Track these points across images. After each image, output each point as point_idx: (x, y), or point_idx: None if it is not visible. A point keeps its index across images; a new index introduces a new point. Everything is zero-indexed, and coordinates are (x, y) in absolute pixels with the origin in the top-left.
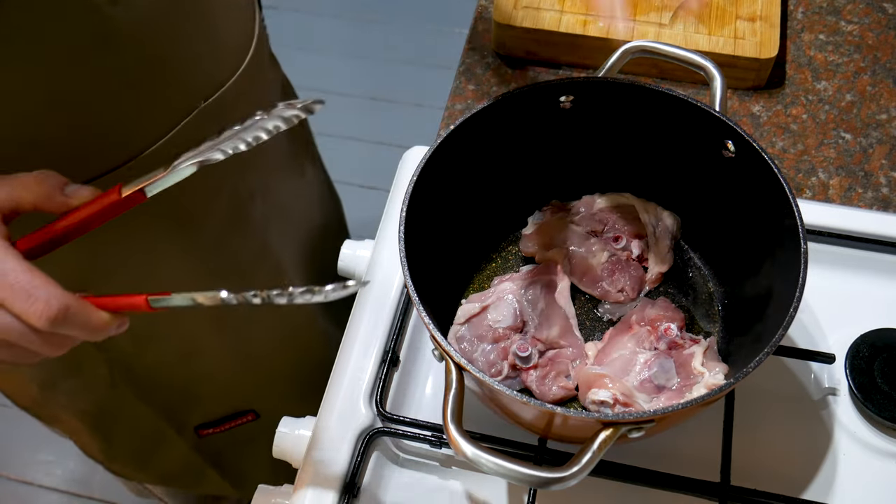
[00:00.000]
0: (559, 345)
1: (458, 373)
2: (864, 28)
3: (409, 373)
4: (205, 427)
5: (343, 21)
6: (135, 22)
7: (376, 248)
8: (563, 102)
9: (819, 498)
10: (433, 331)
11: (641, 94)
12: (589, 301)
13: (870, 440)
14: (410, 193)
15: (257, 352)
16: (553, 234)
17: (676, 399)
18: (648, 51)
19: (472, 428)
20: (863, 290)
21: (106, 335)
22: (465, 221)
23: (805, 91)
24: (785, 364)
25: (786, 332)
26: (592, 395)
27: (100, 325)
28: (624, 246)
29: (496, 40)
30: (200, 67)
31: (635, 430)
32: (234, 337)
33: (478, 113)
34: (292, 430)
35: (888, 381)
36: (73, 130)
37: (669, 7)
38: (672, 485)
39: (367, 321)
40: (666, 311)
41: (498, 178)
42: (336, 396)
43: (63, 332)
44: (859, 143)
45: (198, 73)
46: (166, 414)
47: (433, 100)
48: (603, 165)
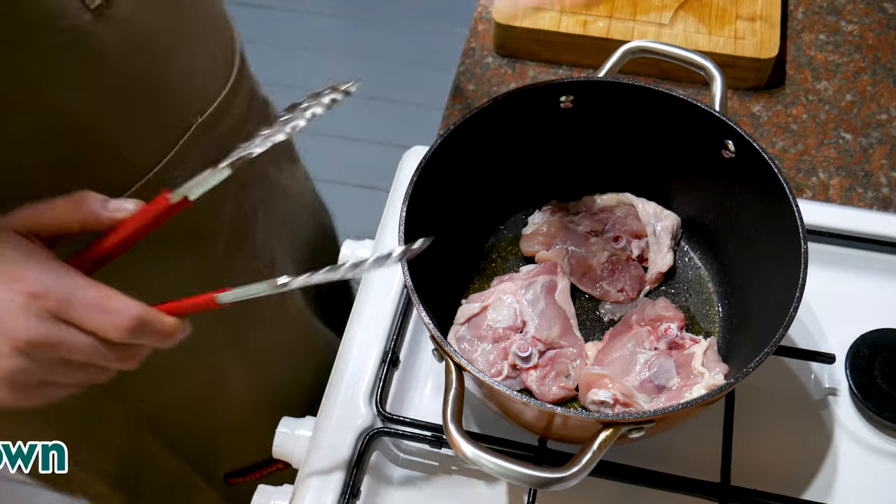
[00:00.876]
0: (559, 345)
1: (458, 373)
2: (864, 28)
3: (409, 373)
4: (234, 476)
5: (343, 21)
6: (122, 40)
7: (376, 248)
8: (563, 102)
9: (819, 498)
10: (433, 331)
11: (641, 94)
12: (589, 301)
13: (870, 440)
14: (410, 193)
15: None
16: (553, 234)
17: (676, 399)
18: (648, 51)
19: (472, 428)
20: (863, 290)
21: (175, 341)
22: (465, 221)
23: (805, 91)
24: (785, 364)
25: (786, 332)
26: (592, 395)
27: (171, 330)
28: (624, 246)
29: (496, 40)
30: (191, 84)
31: (635, 430)
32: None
33: (478, 113)
34: (292, 430)
35: (888, 381)
36: (67, 158)
37: (669, 7)
38: (672, 485)
39: (367, 321)
40: (666, 311)
41: (498, 177)
42: (336, 396)
43: (137, 341)
44: (859, 143)
45: (189, 89)
46: (193, 463)
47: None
48: (603, 165)
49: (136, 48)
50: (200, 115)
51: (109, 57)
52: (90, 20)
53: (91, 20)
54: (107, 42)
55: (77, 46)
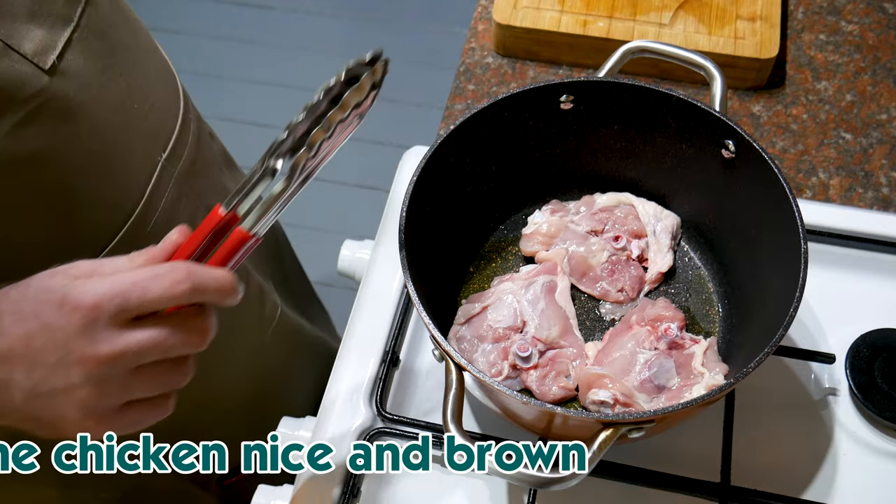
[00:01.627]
0: (559, 345)
1: (458, 373)
2: (864, 28)
3: (409, 373)
4: (227, 477)
5: (343, 21)
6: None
7: (376, 248)
8: (563, 102)
9: (819, 498)
10: (433, 331)
11: (641, 94)
12: (589, 301)
13: (870, 440)
14: (410, 193)
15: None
16: (553, 234)
17: (676, 399)
18: (648, 51)
19: (472, 428)
20: (863, 290)
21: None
22: (465, 221)
23: (805, 91)
24: (785, 364)
25: (786, 333)
26: (592, 395)
27: (223, 279)
28: (624, 246)
29: (496, 40)
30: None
31: (635, 430)
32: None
33: (478, 113)
34: (292, 430)
35: (888, 381)
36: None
37: (669, 7)
38: (672, 485)
39: (367, 321)
40: (666, 311)
41: (498, 177)
42: (336, 396)
43: (201, 297)
44: (859, 143)
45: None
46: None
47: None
48: (603, 165)
49: (97, 96)
50: (164, 151)
51: (76, 111)
52: (49, 81)
53: (49, 81)
54: (70, 96)
55: (45, 109)
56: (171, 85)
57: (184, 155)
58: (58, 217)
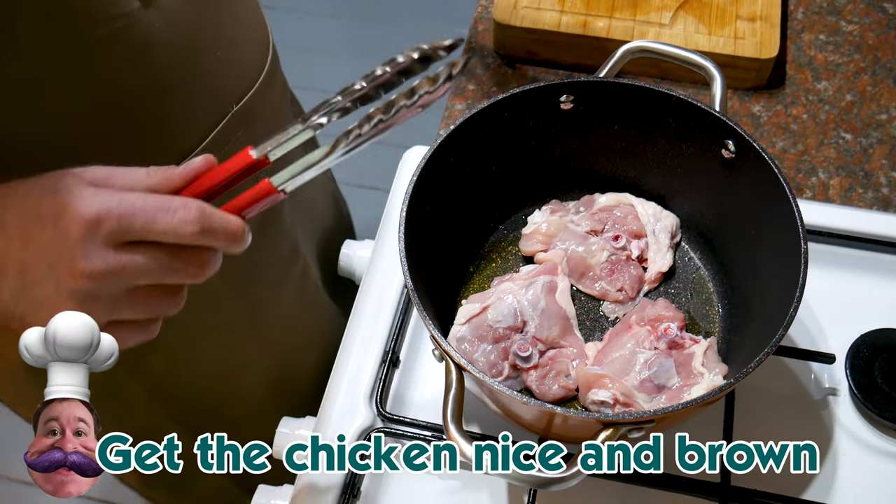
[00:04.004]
0: (559, 345)
1: (458, 373)
2: (864, 28)
3: (409, 373)
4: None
5: (343, 21)
6: (168, 28)
7: (376, 248)
8: (563, 103)
9: (819, 498)
10: (433, 331)
11: (641, 94)
12: (589, 301)
13: (870, 440)
14: (410, 193)
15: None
16: (553, 234)
17: (676, 399)
18: (648, 51)
19: (472, 428)
20: (863, 290)
21: (242, 244)
22: (465, 221)
23: (805, 91)
24: (785, 364)
25: (786, 332)
26: (592, 395)
27: (236, 226)
28: (624, 246)
29: (496, 40)
30: (230, 71)
31: (635, 430)
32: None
33: (478, 113)
34: (292, 430)
35: (888, 381)
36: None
37: (669, 7)
38: (672, 485)
39: (367, 321)
40: (666, 311)
41: (498, 177)
42: (336, 396)
43: (207, 240)
44: (859, 143)
45: (228, 76)
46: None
47: None
48: (603, 165)
49: (180, 36)
50: (237, 104)
51: (157, 44)
52: (139, 8)
53: (139, 8)
54: (154, 29)
55: (127, 34)
56: (263, 44)
57: (258, 112)
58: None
